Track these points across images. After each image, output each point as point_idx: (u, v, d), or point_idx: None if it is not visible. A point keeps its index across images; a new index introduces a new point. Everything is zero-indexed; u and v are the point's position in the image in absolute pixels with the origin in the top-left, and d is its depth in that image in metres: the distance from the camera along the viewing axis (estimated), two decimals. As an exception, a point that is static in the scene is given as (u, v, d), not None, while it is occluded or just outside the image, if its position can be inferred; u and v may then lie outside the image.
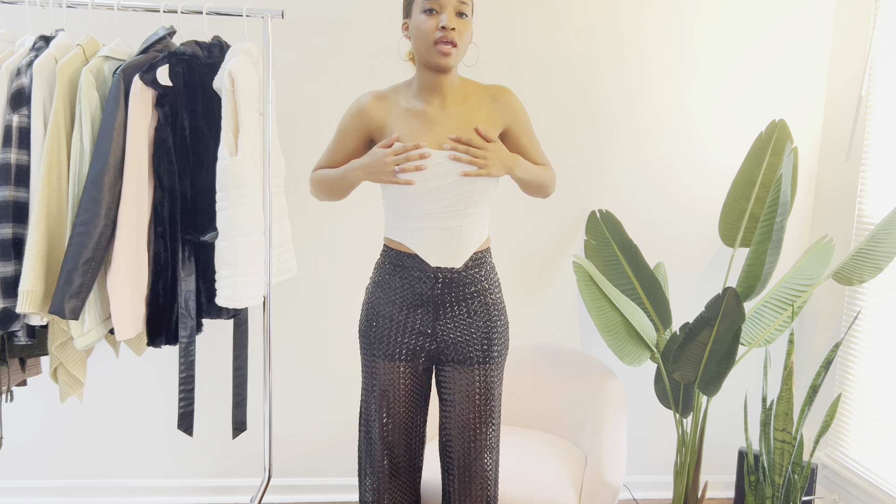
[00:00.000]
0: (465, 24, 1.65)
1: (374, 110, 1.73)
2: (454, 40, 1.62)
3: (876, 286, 2.53)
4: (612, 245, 2.61)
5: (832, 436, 2.76)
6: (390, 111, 1.73)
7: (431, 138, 1.68)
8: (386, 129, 1.72)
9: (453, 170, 1.66)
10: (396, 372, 1.78)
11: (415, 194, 1.67)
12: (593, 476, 2.07)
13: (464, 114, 1.72)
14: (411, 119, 1.70)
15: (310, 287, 2.72)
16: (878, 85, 2.56)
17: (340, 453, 2.83)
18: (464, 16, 1.64)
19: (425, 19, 1.63)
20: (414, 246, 1.73)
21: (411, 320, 1.75)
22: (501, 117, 1.76)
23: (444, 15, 1.62)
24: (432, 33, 1.62)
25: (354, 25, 2.61)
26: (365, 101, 1.75)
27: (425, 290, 1.73)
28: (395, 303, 1.76)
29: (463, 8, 1.64)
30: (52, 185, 1.83)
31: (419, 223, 1.71)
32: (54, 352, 2.00)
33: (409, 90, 1.75)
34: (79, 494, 2.74)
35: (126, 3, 2.03)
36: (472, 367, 1.76)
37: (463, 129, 1.70)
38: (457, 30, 1.63)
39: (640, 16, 2.70)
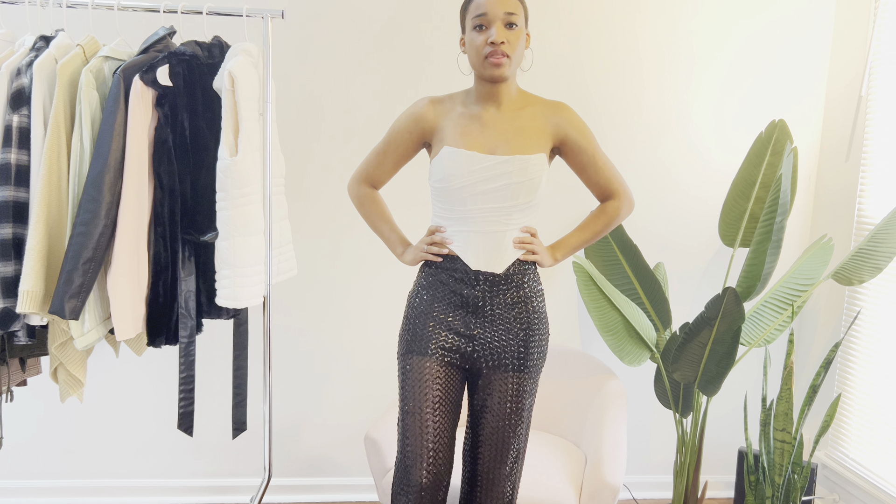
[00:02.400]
0: (515, 35, 1.66)
1: (430, 113, 1.77)
2: (505, 52, 1.64)
3: (876, 286, 2.53)
4: (612, 245, 2.61)
5: (832, 436, 2.76)
6: (446, 114, 1.76)
7: (483, 140, 1.70)
8: (440, 130, 1.75)
9: (502, 174, 1.68)
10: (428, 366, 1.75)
11: (461, 197, 1.70)
12: (593, 476, 2.07)
13: (518, 121, 1.73)
14: (465, 121, 1.73)
15: (310, 287, 2.72)
16: (878, 85, 2.57)
17: (340, 453, 2.83)
18: (514, 26, 1.65)
19: (476, 35, 1.66)
20: (457, 247, 1.74)
21: (449, 319, 1.75)
22: (557, 130, 1.76)
23: (493, 29, 1.63)
24: (483, 49, 1.65)
25: (354, 25, 2.61)
26: (422, 105, 1.79)
27: (466, 291, 1.73)
28: (434, 303, 1.76)
29: (512, 19, 1.65)
30: (52, 185, 1.83)
31: (464, 226, 1.72)
32: (54, 352, 2.00)
33: (468, 97, 1.77)
34: (78, 494, 2.74)
35: (126, 3, 2.02)
36: (506, 373, 1.74)
37: (516, 134, 1.71)
38: (507, 42, 1.64)
39: (639, 16, 2.70)
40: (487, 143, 1.70)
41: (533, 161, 1.69)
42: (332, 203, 2.70)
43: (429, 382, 1.75)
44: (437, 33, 2.64)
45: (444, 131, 1.74)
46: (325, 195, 2.69)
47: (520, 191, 1.69)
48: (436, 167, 1.72)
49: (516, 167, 1.68)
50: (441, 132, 1.74)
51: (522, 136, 1.72)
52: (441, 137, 1.74)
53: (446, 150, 1.70)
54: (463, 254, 1.73)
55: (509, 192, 1.69)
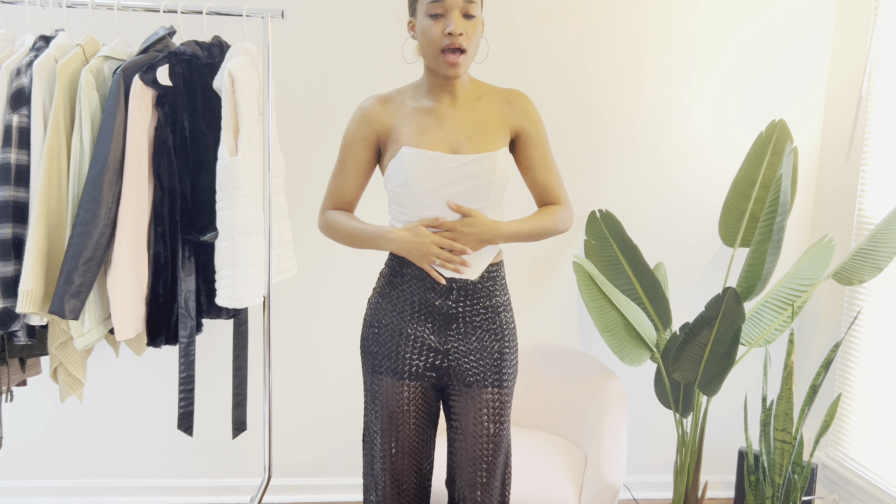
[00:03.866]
0: (473, 25, 1.53)
1: (380, 112, 1.62)
2: (462, 46, 1.51)
3: (876, 286, 2.53)
4: (612, 245, 2.60)
5: (832, 436, 2.76)
6: (397, 111, 1.62)
7: (442, 137, 1.58)
8: (394, 129, 1.60)
9: (469, 174, 1.55)
10: (402, 391, 1.65)
11: (427, 202, 1.57)
12: (593, 476, 2.07)
13: (475, 113, 1.61)
14: (420, 117, 1.60)
15: (310, 287, 2.72)
16: (878, 85, 2.56)
17: (340, 453, 2.83)
18: (472, 17, 1.52)
19: (431, 24, 1.52)
20: None
21: (420, 334, 1.63)
22: (514, 120, 1.65)
23: (451, 20, 1.50)
24: (439, 40, 1.52)
25: (355, 25, 2.61)
26: (368, 105, 1.64)
27: (438, 301, 1.61)
28: (404, 315, 1.64)
29: (470, 8, 1.52)
30: (52, 185, 1.83)
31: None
32: (54, 352, 2.00)
33: (417, 91, 1.65)
34: (79, 494, 2.74)
35: (126, 3, 2.03)
36: (483, 389, 1.63)
37: (476, 129, 1.59)
38: (465, 34, 1.51)
39: (639, 16, 2.69)
40: (448, 141, 1.58)
41: (499, 157, 1.58)
42: (332, 203, 2.70)
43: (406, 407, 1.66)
44: (437, 33, 2.64)
45: (398, 130, 1.60)
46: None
47: (489, 191, 1.57)
48: (394, 170, 1.57)
49: (484, 166, 1.56)
50: (395, 131, 1.60)
51: (483, 130, 1.60)
52: (396, 137, 1.59)
53: (406, 152, 1.56)
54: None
55: (478, 193, 1.57)
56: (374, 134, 1.63)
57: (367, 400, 1.73)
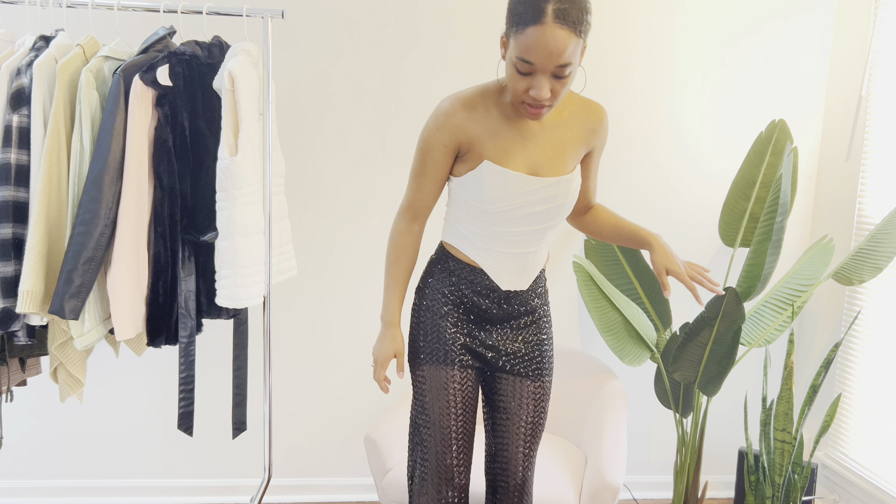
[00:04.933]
0: (563, 83, 1.41)
1: (464, 121, 1.52)
2: (546, 104, 1.43)
3: (876, 286, 2.53)
4: (612, 245, 2.60)
5: (832, 436, 2.76)
6: (481, 121, 1.53)
7: (524, 158, 1.53)
8: (476, 141, 1.53)
9: (546, 197, 1.54)
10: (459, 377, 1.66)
11: (501, 220, 1.55)
12: (593, 476, 2.07)
13: (557, 133, 1.56)
14: (505, 132, 1.53)
15: (310, 287, 2.72)
16: (878, 85, 2.56)
17: (340, 453, 2.83)
18: (564, 76, 1.39)
19: (517, 76, 1.41)
20: (485, 265, 1.62)
21: (470, 328, 1.66)
22: (590, 139, 1.62)
23: (538, 84, 1.39)
24: (522, 94, 1.42)
25: (355, 25, 2.61)
26: (454, 111, 1.52)
27: (489, 307, 1.65)
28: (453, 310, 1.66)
29: (563, 70, 1.38)
30: (52, 185, 1.83)
31: (498, 246, 1.60)
32: (54, 352, 2.00)
33: (501, 97, 1.54)
34: (79, 494, 2.74)
35: (126, 3, 2.02)
36: (525, 379, 1.69)
37: (557, 150, 1.56)
38: (553, 93, 1.41)
39: (640, 15, 2.70)
40: (529, 162, 1.53)
41: (574, 179, 1.58)
42: (331, 203, 2.70)
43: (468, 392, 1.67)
44: (438, 33, 2.64)
45: (481, 142, 1.53)
46: (325, 195, 2.69)
47: (560, 212, 1.59)
48: (473, 184, 1.54)
49: (561, 190, 1.55)
50: (478, 143, 1.53)
51: (563, 151, 1.57)
52: (479, 150, 1.53)
53: (489, 168, 1.51)
54: (493, 273, 1.62)
55: (549, 214, 1.57)
56: (455, 142, 1.55)
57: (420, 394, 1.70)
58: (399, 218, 1.66)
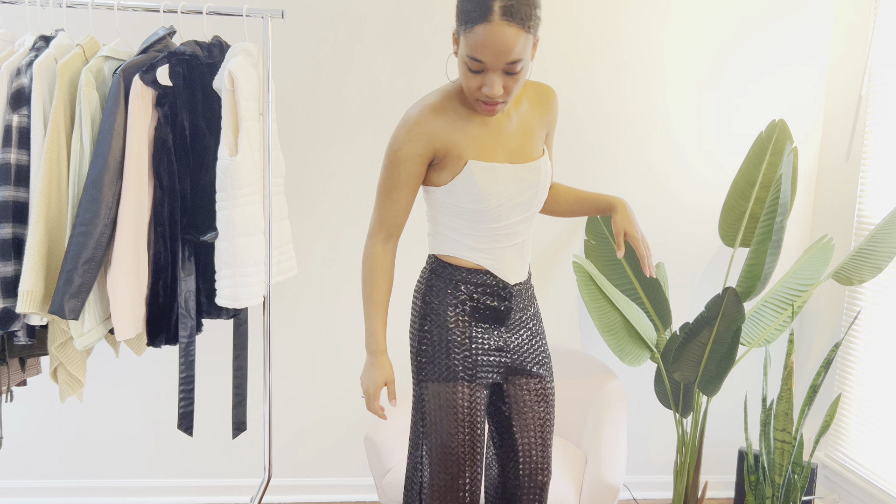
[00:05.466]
0: (515, 78, 1.40)
1: (436, 127, 1.49)
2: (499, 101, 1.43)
3: (876, 286, 2.53)
4: (612, 245, 2.60)
5: (832, 436, 2.76)
6: (452, 123, 1.51)
7: (501, 149, 1.54)
8: (452, 144, 1.50)
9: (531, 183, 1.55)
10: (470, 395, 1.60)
11: (496, 214, 1.54)
12: (593, 476, 2.07)
13: (521, 120, 1.58)
14: (478, 130, 1.52)
15: (310, 287, 2.72)
16: (878, 85, 2.56)
17: (340, 453, 2.83)
18: (515, 72, 1.39)
19: (469, 74, 1.40)
20: (489, 265, 1.59)
21: (486, 336, 1.62)
22: (549, 121, 1.64)
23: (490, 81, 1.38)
24: (475, 92, 1.42)
25: (355, 25, 2.61)
26: (423, 118, 1.49)
27: (499, 305, 1.62)
28: (466, 320, 1.61)
29: (514, 67, 1.37)
30: (52, 185, 1.83)
31: (497, 242, 1.58)
32: (54, 352, 2.00)
33: (463, 95, 1.52)
34: (79, 494, 2.74)
35: (126, 3, 2.03)
36: (538, 372, 1.68)
37: (524, 135, 1.57)
38: (506, 89, 1.41)
39: (641, 15, 2.70)
40: (507, 153, 1.54)
41: (545, 161, 1.59)
42: (331, 203, 2.70)
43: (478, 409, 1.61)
44: (438, 33, 2.64)
45: (458, 145, 1.50)
46: (325, 195, 2.69)
47: (542, 196, 1.60)
48: (465, 186, 1.51)
49: (541, 173, 1.56)
50: (454, 146, 1.50)
51: (531, 136, 1.58)
52: (457, 152, 1.50)
53: (476, 166, 1.50)
54: (498, 270, 1.60)
55: (535, 199, 1.58)
56: (430, 150, 1.51)
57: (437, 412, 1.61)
58: (371, 240, 1.61)
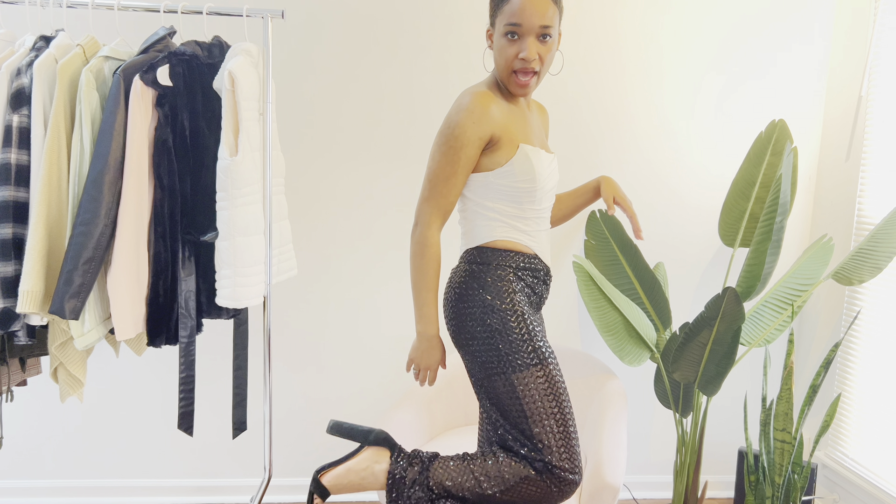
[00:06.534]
0: (548, 47, 1.55)
1: (496, 111, 1.59)
2: (535, 69, 1.56)
3: (876, 286, 2.53)
4: (612, 245, 2.61)
5: (832, 436, 2.76)
6: (503, 112, 1.62)
7: (536, 140, 1.70)
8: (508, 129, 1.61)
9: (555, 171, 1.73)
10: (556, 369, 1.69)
11: (541, 196, 1.67)
12: (593, 476, 2.07)
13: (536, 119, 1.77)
14: (519, 120, 1.66)
15: (310, 287, 2.72)
16: (878, 85, 2.56)
17: (340, 453, 2.82)
18: (548, 38, 1.54)
19: (506, 44, 1.54)
20: (535, 247, 1.69)
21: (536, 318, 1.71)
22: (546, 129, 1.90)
23: (526, 43, 1.52)
24: (512, 61, 1.55)
25: (355, 25, 2.61)
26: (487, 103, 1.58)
27: (539, 288, 1.73)
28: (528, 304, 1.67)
29: (547, 30, 1.53)
30: (52, 185, 1.83)
31: (538, 225, 1.69)
32: (54, 352, 2.00)
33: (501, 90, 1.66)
34: (78, 494, 2.74)
35: (126, 3, 2.03)
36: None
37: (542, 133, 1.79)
38: (539, 57, 1.54)
39: (641, 16, 2.70)
40: (539, 141, 1.70)
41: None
42: (332, 203, 2.70)
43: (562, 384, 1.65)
44: (437, 32, 2.64)
45: (510, 129, 1.61)
46: (326, 195, 2.69)
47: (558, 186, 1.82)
48: (521, 167, 1.60)
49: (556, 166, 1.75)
50: (508, 130, 1.61)
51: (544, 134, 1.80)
52: (510, 137, 1.61)
53: (527, 149, 1.61)
54: (541, 253, 1.71)
55: (557, 187, 1.79)
56: (489, 134, 1.58)
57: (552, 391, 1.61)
58: (429, 229, 1.60)
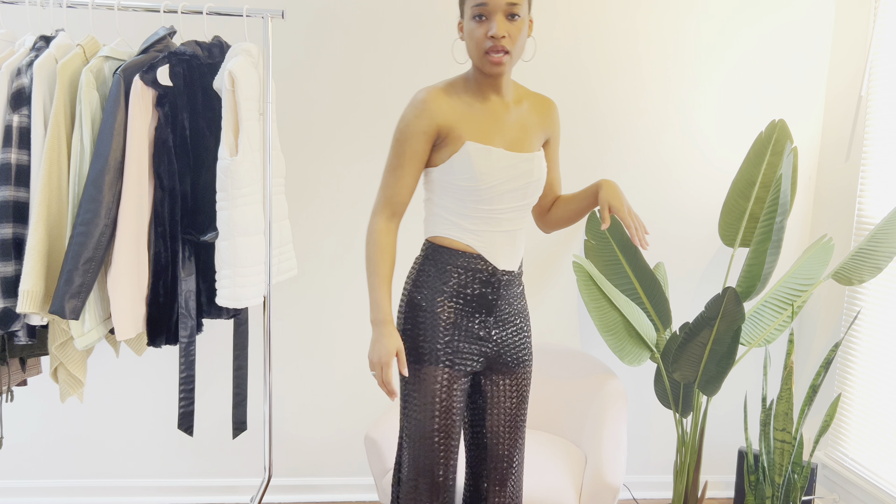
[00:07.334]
0: (517, 26, 1.55)
1: (442, 105, 1.61)
2: (505, 48, 1.55)
3: (876, 286, 2.53)
4: (612, 245, 2.61)
5: (832, 436, 2.76)
6: (456, 106, 1.62)
7: (501, 136, 1.64)
8: (455, 123, 1.61)
9: (525, 171, 1.64)
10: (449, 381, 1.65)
11: (489, 196, 1.61)
12: (593, 476, 2.07)
13: (520, 116, 1.69)
14: (477, 115, 1.63)
15: (310, 287, 2.72)
16: (878, 85, 2.57)
17: (340, 453, 2.83)
18: (516, 17, 1.55)
19: (475, 26, 1.55)
20: (480, 247, 1.65)
21: (469, 324, 1.67)
22: (548, 129, 1.75)
23: (494, 23, 1.53)
24: (483, 42, 1.55)
25: (355, 25, 2.61)
26: (431, 97, 1.61)
27: (488, 291, 1.67)
28: (452, 306, 1.66)
29: (515, 9, 1.54)
30: (52, 185, 1.83)
31: (488, 226, 1.64)
32: (54, 352, 2.00)
33: (468, 86, 1.65)
34: (78, 494, 2.74)
35: (126, 3, 2.03)
36: (515, 368, 1.74)
37: (522, 130, 1.67)
38: (508, 36, 1.54)
39: (640, 16, 2.70)
40: (505, 139, 1.64)
41: (541, 158, 1.69)
42: (332, 203, 2.70)
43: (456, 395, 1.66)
44: (437, 32, 2.64)
45: (458, 125, 1.61)
46: (325, 195, 2.69)
47: (536, 188, 1.68)
48: (460, 165, 1.60)
49: (535, 165, 1.65)
50: (456, 126, 1.61)
51: (527, 131, 1.68)
52: (459, 133, 1.61)
53: (473, 147, 1.60)
54: (489, 254, 1.66)
55: (529, 189, 1.66)
56: (435, 127, 1.61)
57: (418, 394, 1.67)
58: (376, 217, 1.66)
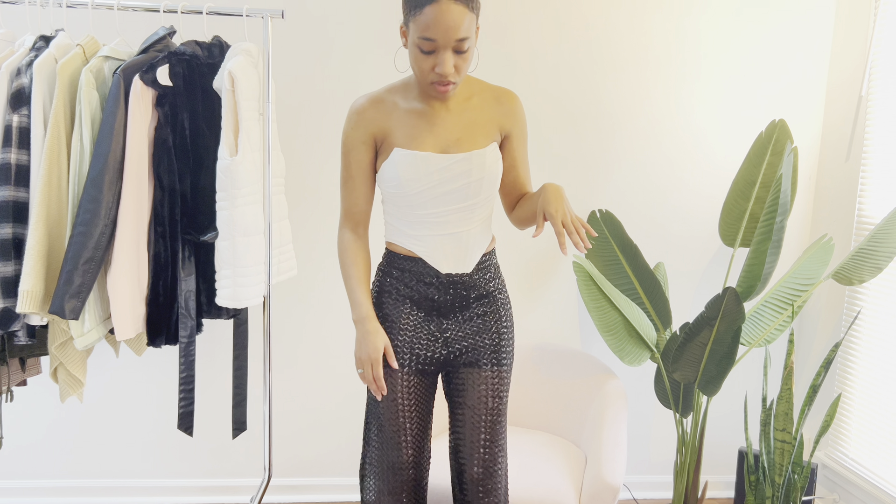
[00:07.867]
0: (464, 57, 1.51)
1: (373, 114, 1.63)
2: (452, 81, 1.52)
3: (876, 286, 2.53)
4: (612, 245, 2.61)
5: (832, 436, 2.76)
6: (390, 113, 1.63)
7: (433, 139, 1.61)
8: (387, 131, 1.62)
9: (460, 173, 1.60)
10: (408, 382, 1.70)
11: (422, 201, 1.61)
12: (593, 476, 2.07)
13: (466, 114, 1.64)
14: (412, 119, 1.62)
15: (310, 287, 2.72)
16: (878, 85, 2.56)
17: (340, 453, 2.83)
18: (464, 50, 1.50)
19: (422, 57, 1.50)
20: (421, 252, 1.66)
21: (422, 327, 1.69)
22: (504, 122, 1.69)
23: (442, 58, 1.48)
24: (428, 74, 1.52)
25: (354, 25, 2.61)
26: (360, 107, 1.64)
27: (435, 295, 1.68)
28: (404, 309, 1.69)
29: (463, 43, 1.48)
30: (52, 185, 1.83)
31: (426, 230, 1.65)
32: (54, 352, 2.00)
33: (408, 91, 1.65)
34: (79, 494, 2.74)
35: (126, 3, 2.03)
36: (482, 369, 1.71)
37: (465, 129, 1.63)
38: (456, 69, 1.51)
39: (641, 16, 2.70)
40: (439, 142, 1.61)
41: (488, 154, 1.63)
42: (331, 203, 2.70)
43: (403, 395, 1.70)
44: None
45: (391, 132, 1.62)
46: (325, 195, 2.69)
47: (481, 187, 1.63)
48: (388, 171, 1.62)
49: (474, 164, 1.61)
50: (389, 133, 1.62)
51: (473, 130, 1.63)
52: (390, 140, 1.62)
53: (398, 153, 1.60)
54: (430, 258, 1.66)
55: (470, 190, 1.62)
56: (370, 136, 1.64)
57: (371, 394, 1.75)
58: (341, 230, 1.73)
